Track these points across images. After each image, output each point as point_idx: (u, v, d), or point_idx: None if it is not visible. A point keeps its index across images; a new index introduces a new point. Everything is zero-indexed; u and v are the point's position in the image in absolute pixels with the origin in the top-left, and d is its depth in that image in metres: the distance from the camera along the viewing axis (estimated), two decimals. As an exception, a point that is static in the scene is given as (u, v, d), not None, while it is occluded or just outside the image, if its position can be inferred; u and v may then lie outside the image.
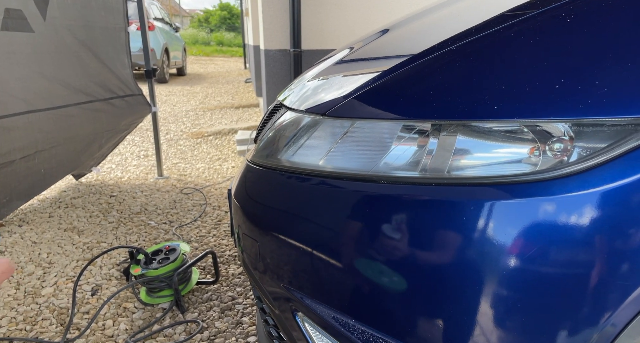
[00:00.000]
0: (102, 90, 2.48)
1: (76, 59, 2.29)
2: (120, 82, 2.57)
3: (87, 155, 2.59)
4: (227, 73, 11.01)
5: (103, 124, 2.53)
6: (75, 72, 2.30)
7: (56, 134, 2.22)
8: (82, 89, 2.35)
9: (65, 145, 2.32)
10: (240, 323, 1.51)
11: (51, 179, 2.35)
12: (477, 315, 0.56)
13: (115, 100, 2.57)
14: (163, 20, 9.36)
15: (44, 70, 2.13)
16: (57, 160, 2.32)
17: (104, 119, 2.53)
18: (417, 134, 0.64)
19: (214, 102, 6.40)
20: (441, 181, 0.59)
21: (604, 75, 0.49)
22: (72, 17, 2.24)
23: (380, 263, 0.63)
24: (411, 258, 0.60)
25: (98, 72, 2.43)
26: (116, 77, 2.54)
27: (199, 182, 2.97)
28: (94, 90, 2.43)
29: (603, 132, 0.48)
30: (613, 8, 0.53)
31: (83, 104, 2.37)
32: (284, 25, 3.18)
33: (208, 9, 32.89)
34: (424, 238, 0.59)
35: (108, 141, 2.70)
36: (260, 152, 0.95)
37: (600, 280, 0.49)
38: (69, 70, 2.26)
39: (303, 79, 1.04)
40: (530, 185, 0.51)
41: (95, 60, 2.40)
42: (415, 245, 0.60)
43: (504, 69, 0.58)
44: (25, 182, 2.16)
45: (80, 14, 2.27)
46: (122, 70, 2.56)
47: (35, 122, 2.09)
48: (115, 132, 2.69)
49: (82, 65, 2.32)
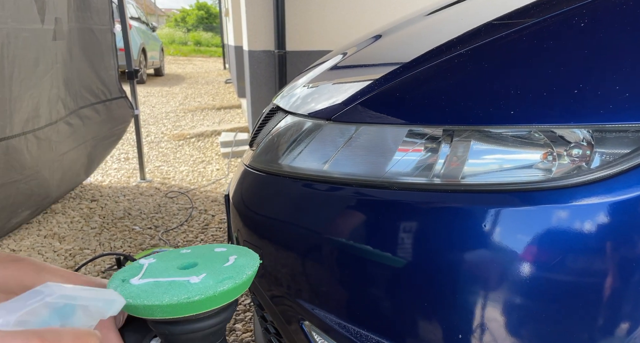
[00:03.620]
0: (89, 95, 2.41)
1: (74, 64, 2.23)
2: (104, 85, 2.51)
3: (72, 175, 2.50)
4: (206, 73, 10.88)
5: (83, 133, 2.45)
6: (72, 79, 2.23)
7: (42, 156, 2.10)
8: (75, 96, 2.28)
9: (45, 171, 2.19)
10: (233, 329, 1.48)
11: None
12: (489, 324, 0.55)
13: (99, 105, 2.50)
14: (139, 20, 9.19)
15: (60, 80, 2.08)
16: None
17: (86, 128, 2.45)
18: (428, 140, 0.63)
19: (195, 103, 6.31)
20: (456, 188, 0.58)
21: (626, 80, 0.48)
22: (74, 20, 2.18)
23: (390, 271, 0.62)
24: (423, 265, 0.59)
25: (86, 76, 2.36)
26: (100, 80, 2.48)
27: (184, 185, 2.91)
28: (83, 95, 2.36)
29: (627, 138, 0.48)
30: (636, 8, 0.53)
31: (72, 113, 2.29)
32: (268, 25, 3.15)
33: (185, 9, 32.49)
34: (437, 246, 0.58)
35: (95, 150, 2.62)
36: (259, 157, 0.93)
37: (620, 296, 0.49)
38: (70, 77, 2.20)
39: (299, 83, 1.03)
40: (551, 192, 0.51)
41: (85, 64, 2.34)
42: (428, 252, 0.59)
43: (521, 73, 0.57)
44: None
45: (76, 16, 2.21)
46: (107, 72, 2.50)
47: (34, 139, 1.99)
48: (98, 140, 2.61)
49: (76, 70, 2.26)
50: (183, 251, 0.50)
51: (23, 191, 2.01)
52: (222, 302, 0.40)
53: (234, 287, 0.40)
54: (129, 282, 0.42)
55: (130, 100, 2.71)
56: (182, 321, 0.40)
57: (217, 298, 0.39)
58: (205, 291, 0.38)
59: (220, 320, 0.42)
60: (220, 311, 0.42)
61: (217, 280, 0.40)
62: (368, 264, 0.64)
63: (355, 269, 0.65)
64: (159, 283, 0.41)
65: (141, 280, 0.42)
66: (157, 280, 0.42)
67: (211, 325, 0.41)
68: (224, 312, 0.42)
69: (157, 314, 0.38)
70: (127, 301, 0.38)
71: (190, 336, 0.42)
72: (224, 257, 0.46)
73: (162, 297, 0.38)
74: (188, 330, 0.41)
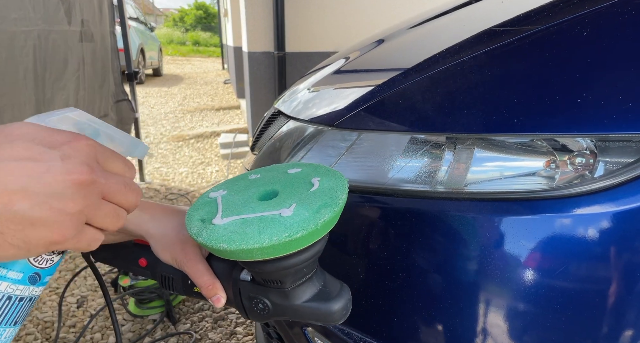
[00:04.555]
0: (109, 97, 2.43)
1: (96, 66, 2.25)
2: (116, 86, 2.52)
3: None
4: (204, 73, 10.87)
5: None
6: (95, 80, 2.25)
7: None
8: (97, 98, 2.30)
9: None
10: (234, 333, 1.48)
11: None
12: (493, 332, 0.55)
13: (113, 107, 2.51)
14: (138, 20, 9.17)
15: (87, 81, 2.10)
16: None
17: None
18: (431, 147, 0.63)
19: (193, 103, 6.30)
20: (459, 196, 0.59)
21: (629, 89, 0.49)
22: (99, 22, 2.20)
23: (392, 278, 0.62)
24: (425, 273, 0.59)
25: (103, 77, 2.38)
26: (114, 81, 2.49)
27: (183, 187, 2.91)
28: (103, 97, 2.38)
29: (630, 147, 0.48)
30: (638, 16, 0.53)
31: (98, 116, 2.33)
32: (268, 27, 3.15)
33: (183, 8, 32.44)
34: (440, 254, 0.58)
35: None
36: (260, 162, 0.93)
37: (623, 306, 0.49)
38: (94, 79, 2.22)
39: (301, 88, 1.03)
40: (554, 201, 0.51)
41: (101, 65, 2.36)
42: (430, 260, 0.59)
43: (524, 81, 0.57)
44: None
45: (98, 18, 2.22)
46: (113, 73, 2.51)
47: None
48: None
49: (97, 71, 2.28)
50: (252, 176, 0.44)
51: None
52: (323, 232, 0.36)
53: (334, 215, 0.36)
54: (211, 222, 0.37)
55: (131, 102, 2.71)
56: (277, 259, 0.36)
57: (319, 230, 0.35)
58: (305, 225, 0.34)
59: (314, 253, 0.38)
60: (315, 243, 0.38)
61: (312, 210, 0.36)
62: (370, 271, 0.64)
63: (356, 276, 0.66)
64: (247, 220, 0.36)
65: (224, 219, 0.37)
66: (242, 217, 0.36)
67: (306, 258, 0.38)
68: (318, 243, 0.39)
69: (256, 256, 0.34)
70: (220, 246, 0.34)
71: (284, 272, 0.38)
72: (306, 180, 0.41)
73: (261, 238, 0.33)
74: (282, 267, 0.37)
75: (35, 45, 1.68)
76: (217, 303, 0.42)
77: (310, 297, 0.40)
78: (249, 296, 0.41)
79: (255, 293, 0.41)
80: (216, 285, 0.42)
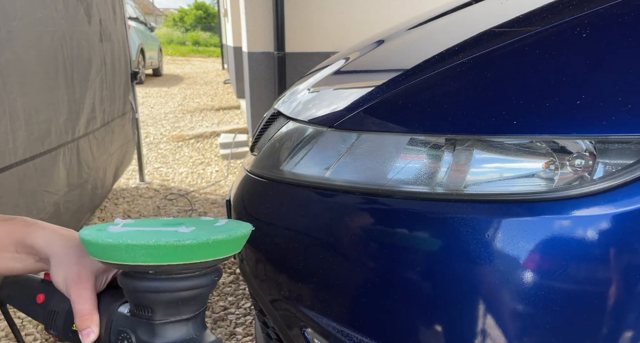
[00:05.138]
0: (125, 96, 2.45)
1: (114, 65, 2.27)
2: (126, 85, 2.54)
3: (114, 175, 2.50)
4: (204, 73, 10.87)
5: (123, 133, 2.46)
6: (114, 79, 2.27)
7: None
8: (118, 97, 2.31)
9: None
10: (234, 333, 1.48)
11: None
12: (492, 333, 0.55)
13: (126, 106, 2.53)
14: (137, 20, 9.17)
15: (108, 80, 2.12)
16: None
17: (124, 128, 2.47)
18: (431, 148, 0.63)
19: (193, 103, 6.30)
20: (459, 197, 0.59)
21: (629, 91, 0.49)
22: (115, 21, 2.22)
23: (392, 279, 0.62)
24: (425, 274, 0.59)
25: (119, 76, 2.39)
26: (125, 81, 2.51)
27: (183, 187, 2.91)
28: (121, 96, 2.39)
29: (630, 149, 0.48)
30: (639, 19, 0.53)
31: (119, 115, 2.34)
32: (268, 27, 3.15)
33: (183, 8, 32.43)
34: (439, 255, 0.58)
35: (128, 150, 2.61)
36: (260, 162, 0.93)
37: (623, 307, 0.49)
38: (113, 78, 2.23)
39: (301, 88, 1.03)
40: (554, 203, 0.51)
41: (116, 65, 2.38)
42: (430, 262, 0.59)
43: (523, 83, 0.57)
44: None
45: (108, 18, 2.23)
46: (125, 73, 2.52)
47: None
48: (128, 139, 2.62)
49: (115, 71, 2.30)
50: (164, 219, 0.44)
51: (88, 192, 2.04)
52: (214, 254, 0.35)
53: (228, 239, 0.36)
54: (106, 229, 0.36)
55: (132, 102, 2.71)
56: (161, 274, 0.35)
57: (210, 248, 0.35)
58: (197, 237, 0.34)
59: (195, 284, 0.37)
60: (205, 272, 0.37)
61: (209, 233, 0.35)
62: (369, 272, 0.64)
63: (356, 277, 0.66)
64: (143, 231, 0.36)
65: (123, 228, 0.37)
66: (140, 229, 0.36)
67: (185, 287, 0.36)
68: (207, 276, 0.37)
69: (139, 258, 0.33)
70: (106, 241, 0.33)
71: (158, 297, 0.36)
72: (214, 221, 0.42)
73: (149, 238, 0.33)
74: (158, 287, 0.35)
75: (62, 46, 1.68)
76: (86, 338, 0.39)
77: (179, 341, 0.38)
78: (117, 330, 0.40)
79: (124, 327, 0.39)
80: (93, 318, 0.39)
